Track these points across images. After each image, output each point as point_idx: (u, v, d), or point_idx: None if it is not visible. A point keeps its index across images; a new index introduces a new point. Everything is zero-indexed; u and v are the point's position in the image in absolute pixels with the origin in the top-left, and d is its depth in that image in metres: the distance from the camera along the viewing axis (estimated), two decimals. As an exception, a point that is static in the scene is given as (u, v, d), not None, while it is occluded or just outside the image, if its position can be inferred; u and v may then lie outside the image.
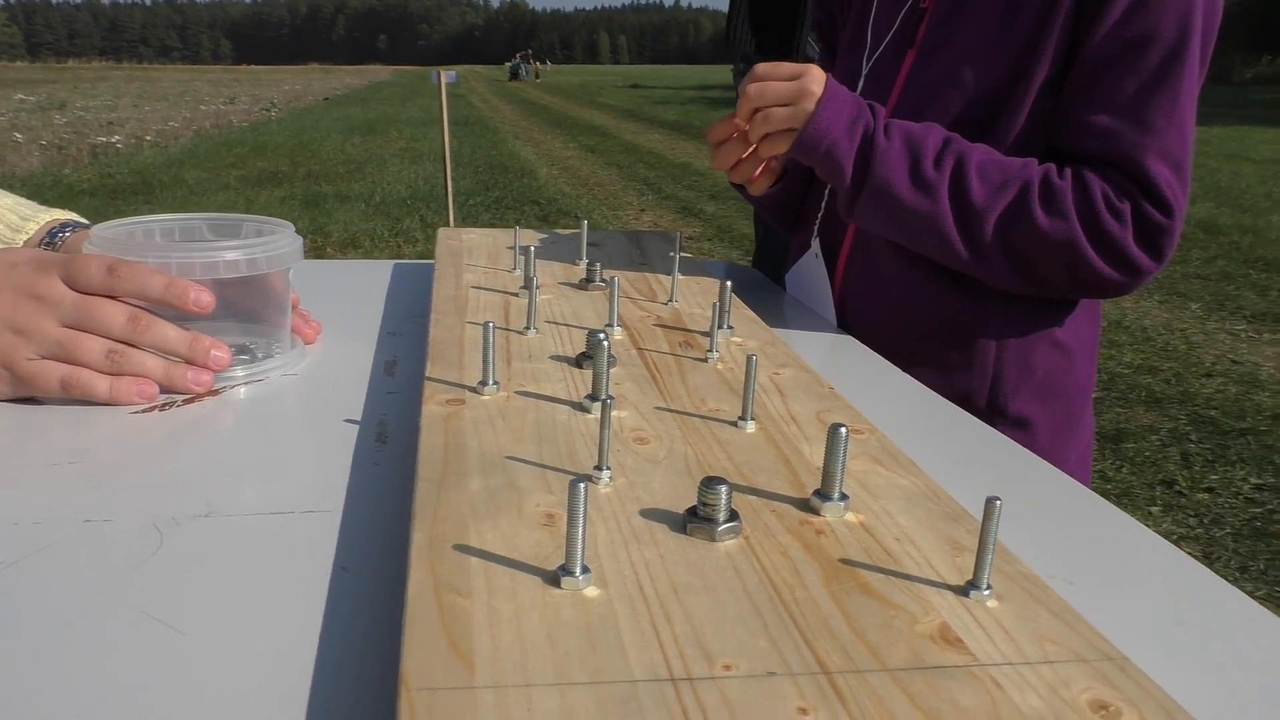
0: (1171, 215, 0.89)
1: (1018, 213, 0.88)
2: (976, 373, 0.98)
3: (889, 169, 0.88)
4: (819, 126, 0.88)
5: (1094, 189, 0.88)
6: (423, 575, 0.42)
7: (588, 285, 0.92)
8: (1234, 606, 0.49)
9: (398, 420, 0.69)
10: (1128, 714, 0.35)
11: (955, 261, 0.92)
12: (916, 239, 0.92)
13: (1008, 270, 0.91)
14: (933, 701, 0.36)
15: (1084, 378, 1.02)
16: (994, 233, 0.89)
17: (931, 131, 0.90)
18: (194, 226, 0.85)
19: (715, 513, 0.46)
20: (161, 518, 0.54)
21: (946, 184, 0.88)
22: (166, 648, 0.42)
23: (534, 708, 0.34)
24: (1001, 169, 0.89)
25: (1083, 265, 0.89)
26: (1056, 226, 0.88)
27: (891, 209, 0.90)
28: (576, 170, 9.78)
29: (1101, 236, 0.88)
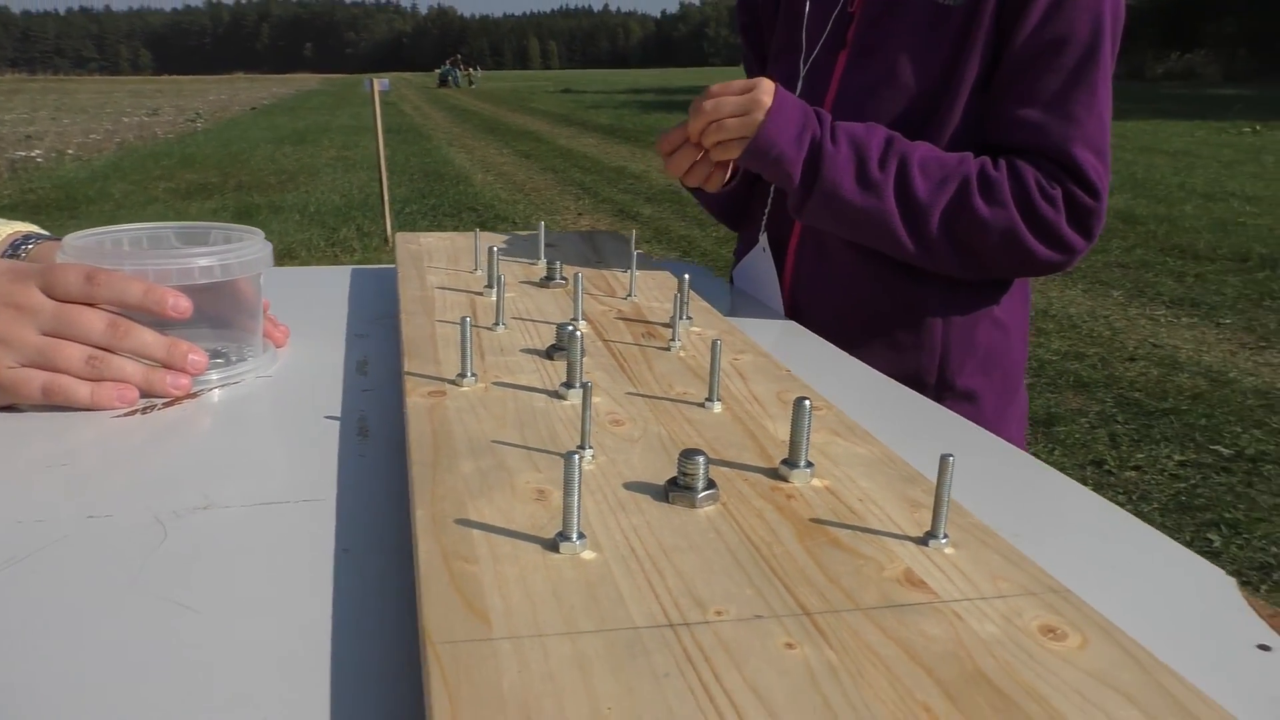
0: (1098, 197, 0.97)
1: (960, 205, 0.95)
2: (926, 351, 1.05)
3: (837, 173, 0.94)
4: (768, 136, 0.93)
5: (1027, 177, 0.96)
6: (430, 546, 0.45)
7: (548, 283, 0.95)
8: (1157, 546, 0.55)
9: (377, 415, 0.72)
10: (1072, 636, 0.40)
11: (902, 254, 0.98)
12: (865, 235, 0.99)
13: (952, 258, 0.98)
14: (902, 633, 0.40)
15: (1019, 352, 1.11)
16: (939, 225, 0.95)
17: (874, 133, 0.96)
18: (162, 235, 0.87)
19: (694, 481, 0.50)
20: (162, 512, 0.56)
21: (892, 183, 0.95)
22: (187, 628, 0.45)
23: (549, 653, 0.38)
24: (941, 165, 0.96)
25: (1021, 248, 0.96)
26: (997, 215, 0.95)
27: (839, 209, 0.96)
28: (512, 176, 9.78)
29: (1037, 221, 0.95)
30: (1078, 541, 0.55)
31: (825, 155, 0.94)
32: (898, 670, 0.37)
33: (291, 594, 0.48)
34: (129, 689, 0.41)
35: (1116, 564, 0.52)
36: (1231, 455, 3.12)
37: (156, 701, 0.40)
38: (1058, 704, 0.36)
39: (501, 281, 0.80)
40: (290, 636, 0.45)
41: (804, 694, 0.36)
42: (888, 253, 1.00)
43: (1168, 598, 0.49)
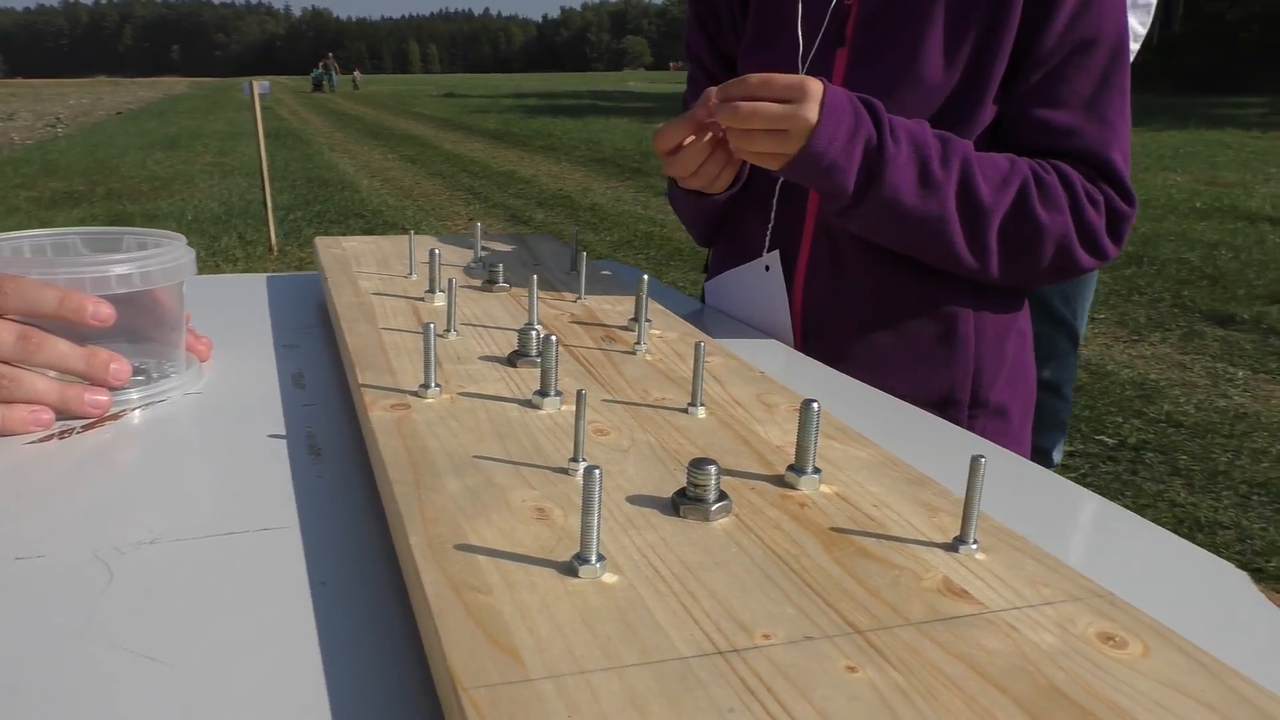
0: (1133, 204, 0.92)
1: (1020, 210, 0.88)
2: (960, 367, 0.96)
3: (898, 176, 0.84)
4: (818, 146, 0.82)
5: (1075, 182, 0.90)
6: (435, 576, 0.41)
7: (491, 287, 0.91)
8: (1165, 543, 0.54)
9: (326, 431, 0.67)
10: (1133, 643, 0.38)
11: (951, 262, 0.90)
12: (913, 242, 0.90)
13: (1002, 266, 0.90)
14: (962, 648, 0.38)
15: (1033, 361, 1.06)
16: (997, 232, 0.88)
17: (926, 128, 0.87)
18: (68, 242, 0.79)
19: (706, 493, 0.47)
20: (102, 548, 0.50)
21: (954, 186, 0.86)
22: (158, 682, 0.40)
23: (598, 692, 0.34)
24: (995, 166, 0.88)
25: (1069, 255, 0.90)
26: (1054, 221, 0.88)
27: (895, 216, 0.86)
28: (398, 181, 9.57)
29: (1084, 228, 0.90)
30: (1085, 544, 0.54)
31: (887, 157, 0.83)
32: (970, 689, 0.35)
33: (273, 636, 0.43)
34: (99, 759, 0.35)
35: (1129, 565, 0.51)
36: (1115, 445, 3.25)
37: (135, 772, 0.35)
38: (1140, 716, 0.34)
39: (453, 285, 0.75)
40: (281, 685, 0.40)
41: (881, 722, 0.33)
42: (932, 262, 0.91)
43: (1186, 597, 0.49)
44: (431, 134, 15.36)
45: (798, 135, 0.81)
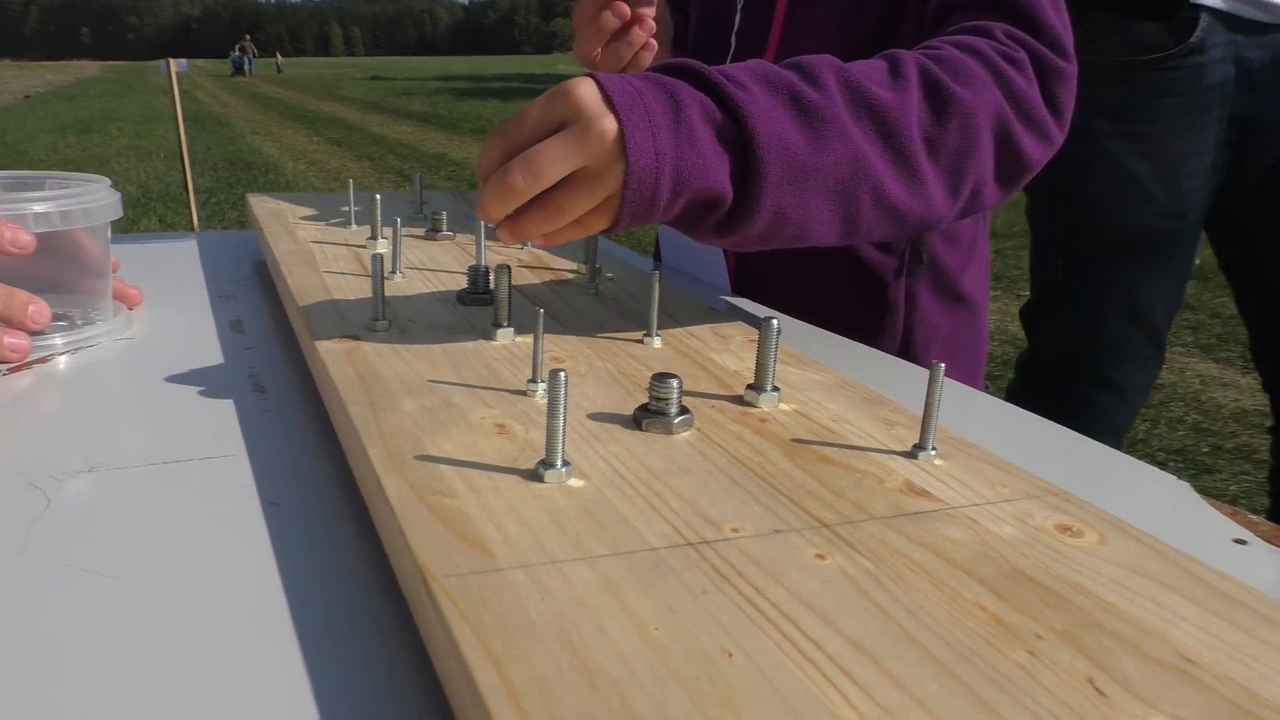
0: (1068, 57, 0.72)
1: (935, 99, 0.65)
2: (887, 335, 0.90)
3: (769, 124, 0.58)
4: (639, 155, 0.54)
5: (980, 47, 0.69)
6: (397, 482, 0.40)
7: (435, 235, 0.89)
8: (1110, 461, 0.55)
9: (269, 371, 0.65)
10: (1089, 533, 0.39)
11: (889, 216, 0.64)
12: (835, 213, 0.62)
13: (947, 188, 0.66)
14: (927, 538, 0.38)
15: (982, 333, 0.98)
16: (922, 142, 0.64)
17: (764, 63, 0.62)
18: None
19: (668, 406, 0.47)
20: (37, 476, 0.48)
21: (843, 105, 0.61)
22: (109, 595, 0.38)
23: (570, 579, 0.33)
24: (874, 67, 0.65)
25: (1013, 145, 0.68)
26: (980, 97, 0.66)
27: (797, 183, 0.59)
28: (325, 164, 9.37)
29: (1016, 99, 0.68)
30: (1033, 461, 0.55)
31: (741, 107, 0.57)
32: (937, 573, 0.35)
33: (224, 551, 0.42)
34: (50, 668, 0.34)
35: (1076, 477, 0.52)
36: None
37: (93, 677, 0.33)
38: (1103, 594, 0.35)
39: (398, 224, 0.74)
40: (238, 596, 0.39)
41: (853, 601, 0.33)
42: (865, 231, 0.64)
43: (1135, 506, 0.50)
44: (357, 117, 15.07)
45: (603, 160, 0.54)
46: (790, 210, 0.59)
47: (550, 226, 0.55)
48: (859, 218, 0.63)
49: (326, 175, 8.59)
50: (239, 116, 15.47)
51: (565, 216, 0.55)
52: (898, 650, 0.30)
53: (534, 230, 0.56)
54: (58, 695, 0.32)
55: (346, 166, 9.18)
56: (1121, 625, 0.33)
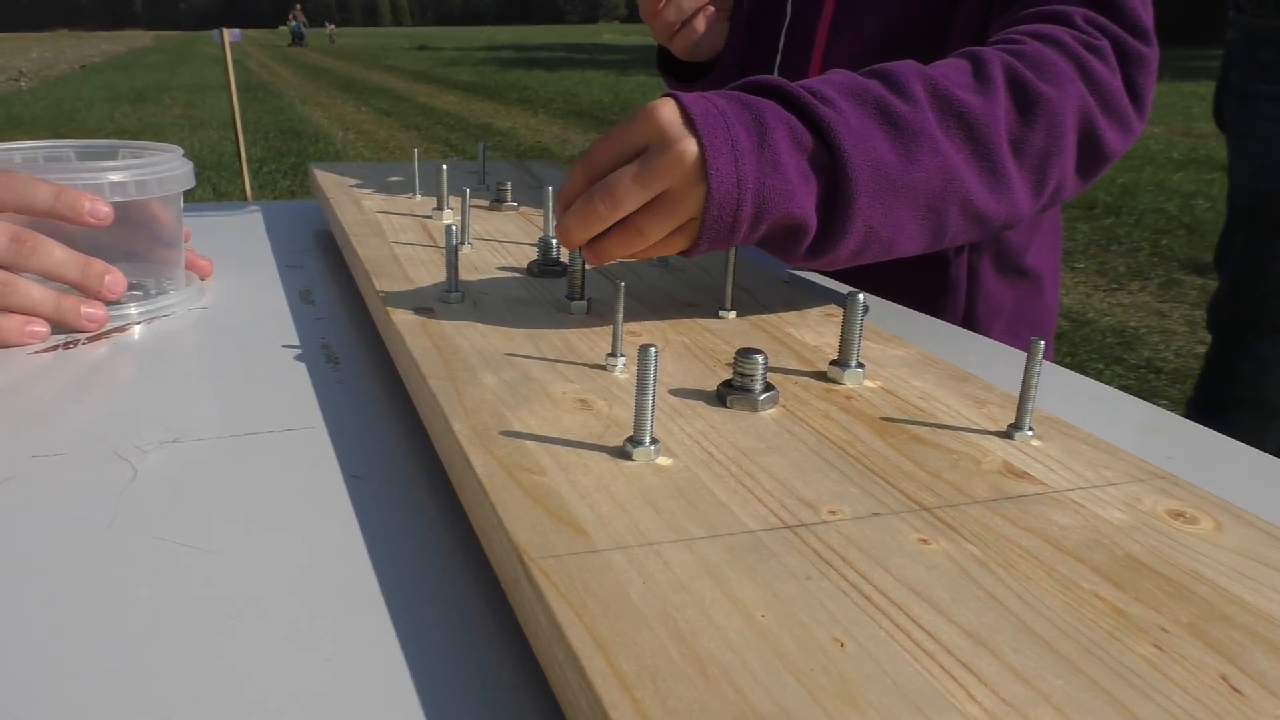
0: (1150, 42, 0.70)
1: (1020, 100, 0.63)
2: (948, 312, 0.87)
3: (860, 142, 0.56)
4: (721, 178, 0.52)
5: (1062, 38, 0.66)
6: (485, 459, 0.39)
7: (500, 206, 0.88)
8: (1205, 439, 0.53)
9: (341, 342, 0.65)
10: (1203, 520, 0.38)
11: (973, 223, 0.62)
12: (923, 225, 0.60)
13: (1032, 190, 0.64)
14: (1034, 523, 0.37)
15: (1050, 308, 0.94)
16: (1009, 146, 0.62)
17: (847, 73, 0.61)
18: (60, 154, 0.76)
19: (753, 382, 0.46)
20: (122, 447, 0.48)
21: (932, 115, 0.59)
22: (201, 567, 0.38)
23: (670, 562, 0.33)
24: (957, 69, 0.63)
25: (1095, 138, 0.66)
26: (1066, 93, 0.64)
27: (887, 200, 0.57)
28: (373, 134, 9.41)
29: (1100, 91, 0.66)
30: (1132, 442, 0.53)
31: (830, 125, 0.55)
32: (1048, 560, 0.34)
33: (311, 524, 0.42)
34: (145, 641, 0.34)
35: (1178, 461, 0.50)
36: (1099, 390, 3.28)
37: (187, 652, 0.33)
38: (1227, 585, 0.33)
39: (466, 195, 0.73)
40: (329, 569, 0.38)
41: (963, 588, 0.32)
42: (950, 238, 0.62)
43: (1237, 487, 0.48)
44: (405, 87, 15.11)
45: (684, 183, 0.52)
46: (880, 228, 0.58)
47: (632, 249, 0.55)
48: (945, 227, 0.61)
49: (375, 145, 8.64)
50: (289, 86, 15.59)
51: (645, 240, 0.54)
52: (1016, 641, 0.29)
53: (616, 253, 0.55)
54: (155, 669, 0.32)
55: (394, 136, 9.22)
56: (1250, 618, 0.31)
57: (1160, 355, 3.56)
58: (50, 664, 0.32)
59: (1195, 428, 0.55)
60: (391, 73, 18.84)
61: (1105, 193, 6.35)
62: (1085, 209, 6.04)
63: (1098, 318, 4.09)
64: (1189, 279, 4.52)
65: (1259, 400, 1.48)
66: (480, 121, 10.29)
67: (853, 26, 0.87)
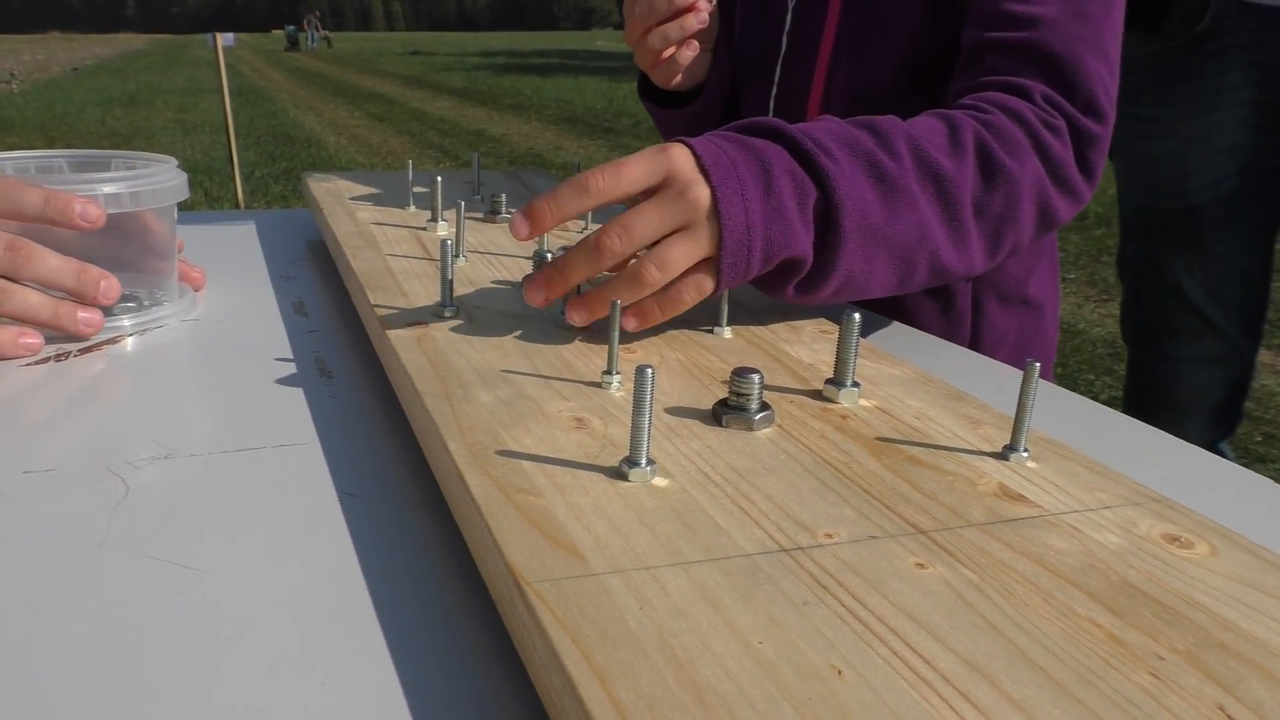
0: (1104, 120, 0.73)
1: (986, 171, 0.66)
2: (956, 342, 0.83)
3: (853, 194, 0.59)
4: (733, 220, 0.55)
5: (1024, 112, 0.70)
6: (481, 479, 0.39)
7: (494, 218, 0.88)
8: (1203, 464, 0.53)
9: (334, 355, 0.64)
10: (1199, 544, 0.38)
11: (931, 275, 0.66)
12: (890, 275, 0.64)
13: (987, 252, 0.68)
14: (1030, 548, 0.37)
15: (1050, 335, 0.96)
16: (972, 210, 0.66)
17: (839, 122, 0.64)
18: (53, 164, 0.76)
19: (749, 402, 0.46)
20: (114, 463, 0.48)
21: (914, 175, 0.62)
22: (194, 589, 0.38)
23: (667, 587, 0.32)
24: (934, 130, 0.66)
25: (1047, 209, 0.71)
26: (1025, 168, 0.68)
27: (868, 251, 0.60)
28: (366, 139, 9.41)
29: (1053, 166, 0.70)
30: (1122, 463, 0.53)
31: (828, 175, 0.58)
32: (1044, 585, 0.34)
33: (305, 543, 0.41)
34: (137, 659, 0.33)
35: (1170, 483, 0.50)
36: (1090, 401, 3.28)
37: (181, 675, 0.33)
38: (1223, 612, 0.33)
39: (461, 208, 0.73)
40: (322, 589, 0.38)
41: (961, 615, 0.32)
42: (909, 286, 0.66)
43: (1230, 510, 0.48)
44: (398, 92, 15.12)
45: (699, 223, 0.55)
46: (860, 274, 0.62)
47: (644, 291, 0.56)
48: (913, 276, 0.65)
49: (368, 150, 8.63)
50: (281, 90, 15.57)
51: (664, 274, 0.55)
52: (1014, 670, 0.29)
53: (624, 297, 0.56)
54: (146, 688, 0.32)
55: (387, 141, 9.22)
56: (1246, 646, 0.31)
57: (1150, 366, 3.57)
58: (41, 681, 0.32)
59: (1189, 447, 0.55)
60: (385, 78, 18.84)
61: (1097, 204, 6.37)
62: (1077, 221, 6.05)
63: (1088, 328, 4.10)
64: (1179, 290, 4.54)
65: (1173, 401, 1.59)
66: (473, 127, 10.29)
67: (852, 63, 0.87)
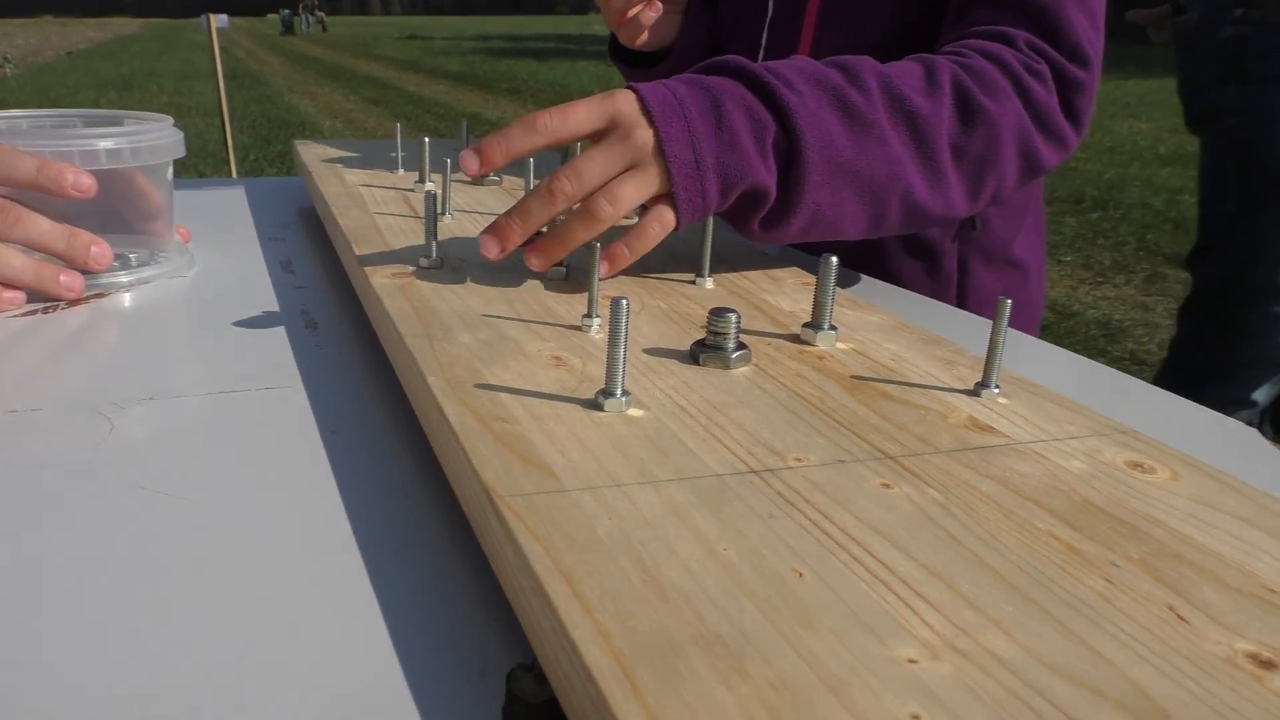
0: (1089, 67, 0.73)
1: (964, 110, 0.66)
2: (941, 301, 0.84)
3: (816, 125, 0.59)
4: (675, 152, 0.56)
5: (1006, 57, 0.70)
6: (458, 409, 0.40)
7: (482, 180, 0.89)
8: (1172, 406, 0.54)
9: (320, 309, 0.65)
10: (1160, 470, 0.39)
11: (910, 215, 0.66)
12: (864, 213, 0.64)
13: (968, 193, 0.68)
14: (995, 471, 0.37)
15: (1036, 296, 0.97)
16: (949, 149, 0.66)
17: (809, 61, 0.65)
18: (68, 121, 0.76)
19: (726, 340, 0.47)
20: (100, 403, 0.48)
21: (884, 110, 0.62)
22: (175, 515, 0.39)
23: (636, 502, 0.33)
24: (910, 72, 0.66)
25: (1032, 152, 0.70)
26: (1005, 110, 0.67)
27: (835, 184, 0.61)
28: (361, 123, 9.38)
29: (1036, 110, 0.70)
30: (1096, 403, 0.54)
31: (788, 106, 0.58)
32: (1007, 504, 0.35)
33: (286, 476, 0.42)
34: (114, 585, 0.34)
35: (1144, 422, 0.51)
36: (1083, 381, 3.29)
37: (164, 594, 0.34)
38: (1178, 527, 0.34)
39: (448, 166, 0.73)
40: (302, 517, 0.39)
41: (923, 528, 0.33)
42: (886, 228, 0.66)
43: (1202, 449, 0.49)
44: (394, 76, 15.05)
45: (645, 161, 0.56)
46: (828, 209, 0.61)
47: (599, 228, 0.56)
48: (886, 215, 0.65)
49: (363, 134, 8.61)
50: (276, 74, 15.51)
51: (617, 209, 0.56)
52: (970, 574, 0.30)
53: (579, 237, 0.57)
54: (127, 609, 0.33)
55: (383, 125, 9.19)
56: (1200, 556, 0.32)
57: (1144, 347, 3.58)
58: (24, 602, 0.33)
59: (1167, 395, 0.56)
60: (380, 62, 18.76)
61: (1092, 187, 6.38)
62: (1072, 203, 6.07)
63: (1083, 310, 4.11)
64: (1174, 273, 4.55)
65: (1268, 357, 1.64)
66: (469, 111, 10.26)
67: (839, 26, 0.87)
